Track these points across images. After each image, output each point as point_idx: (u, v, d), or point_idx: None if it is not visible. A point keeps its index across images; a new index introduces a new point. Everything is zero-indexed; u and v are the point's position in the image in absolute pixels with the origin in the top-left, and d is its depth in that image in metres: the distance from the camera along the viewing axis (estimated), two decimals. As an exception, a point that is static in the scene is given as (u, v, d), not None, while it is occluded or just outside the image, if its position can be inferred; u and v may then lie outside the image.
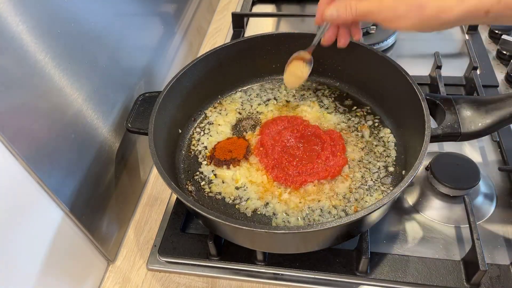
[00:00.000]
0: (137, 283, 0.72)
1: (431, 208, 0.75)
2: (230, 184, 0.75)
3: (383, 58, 0.77)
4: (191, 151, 0.81)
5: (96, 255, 0.71)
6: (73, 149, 0.63)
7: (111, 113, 0.74)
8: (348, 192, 0.71)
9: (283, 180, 0.73)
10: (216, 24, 1.30)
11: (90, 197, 0.67)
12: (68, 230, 0.64)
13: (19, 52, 0.52)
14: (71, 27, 0.61)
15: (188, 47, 1.13)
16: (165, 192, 0.86)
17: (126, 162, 0.80)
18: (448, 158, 0.75)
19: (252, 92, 0.91)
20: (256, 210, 0.71)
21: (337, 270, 0.67)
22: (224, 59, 0.85)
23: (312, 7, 1.28)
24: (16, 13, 0.51)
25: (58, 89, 0.59)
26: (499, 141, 0.83)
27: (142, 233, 0.79)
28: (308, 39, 0.79)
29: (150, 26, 0.91)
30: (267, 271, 0.69)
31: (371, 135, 0.80)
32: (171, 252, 0.72)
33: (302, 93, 0.90)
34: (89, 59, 0.66)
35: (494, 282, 0.64)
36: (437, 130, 0.66)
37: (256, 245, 0.66)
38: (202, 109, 0.88)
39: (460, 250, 0.69)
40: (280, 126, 0.81)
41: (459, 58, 1.05)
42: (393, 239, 0.72)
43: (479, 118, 0.65)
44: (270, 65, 0.91)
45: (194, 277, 0.72)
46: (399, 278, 0.65)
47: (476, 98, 0.69)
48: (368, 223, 0.64)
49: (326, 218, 0.68)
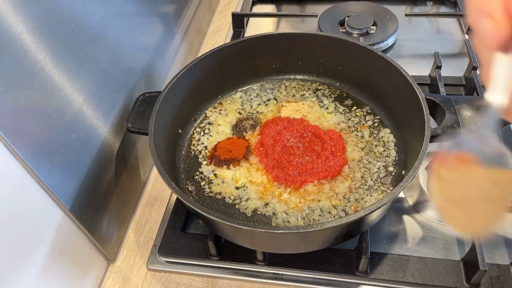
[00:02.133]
0: (137, 283, 0.72)
1: (431, 208, 0.75)
2: (230, 184, 0.75)
3: (383, 58, 0.77)
4: (191, 151, 0.81)
5: (96, 255, 0.71)
6: (73, 149, 0.63)
7: (111, 113, 0.74)
8: (348, 192, 0.71)
9: (283, 180, 0.73)
10: (216, 24, 1.30)
11: (90, 197, 0.67)
12: (68, 230, 0.64)
13: (19, 52, 0.52)
14: (71, 27, 0.61)
15: (188, 47, 1.13)
16: (165, 192, 0.86)
17: (126, 162, 0.80)
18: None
19: (252, 92, 0.91)
20: (256, 210, 0.71)
21: (337, 270, 0.67)
22: (224, 59, 0.85)
23: (312, 7, 1.28)
24: (16, 13, 0.51)
25: (58, 89, 0.59)
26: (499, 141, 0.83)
27: (142, 233, 0.79)
28: (308, 39, 0.78)
29: (150, 26, 0.91)
30: (267, 271, 0.69)
31: (371, 135, 0.80)
32: (171, 252, 0.72)
33: (302, 93, 0.90)
34: (89, 59, 0.66)
35: (494, 282, 0.64)
36: (437, 130, 0.66)
37: (256, 245, 0.66)
38: (202, 109, 0.88)
39: (460, 250, 0.69)
40: (280, 126, 0.81)
41: (459, 58, 1.05)
42: (393, 239, 0.72)
43: (479, 118, 0.65)
44: (270, 65, 0.91)
45: (194, 277, 0.72)
46: (399, 278, 0.65)
47: (476, 98, 0.69)
48: (368, 223, 0.64)
49: (326, 218, 0.68)
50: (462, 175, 0.30)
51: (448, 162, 0.31)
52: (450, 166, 0.31)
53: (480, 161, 0.30)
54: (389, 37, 1.07)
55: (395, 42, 1.10)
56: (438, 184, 0.31)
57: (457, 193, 0.30)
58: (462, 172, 0.30)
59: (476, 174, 0.30)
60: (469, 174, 0.30)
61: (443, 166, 0.31)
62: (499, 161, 0.30)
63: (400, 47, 1.10)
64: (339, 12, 1.15)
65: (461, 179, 0.30)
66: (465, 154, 0.31)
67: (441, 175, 0.31)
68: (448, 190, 0.31)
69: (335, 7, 1.17)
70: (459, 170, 0.30)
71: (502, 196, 0.29)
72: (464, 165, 0.30)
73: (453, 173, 0.30)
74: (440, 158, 0.32)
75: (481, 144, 0.31)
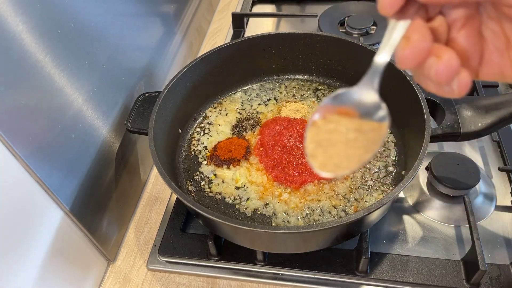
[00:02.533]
0: (137, 283, 0.72)
1: (431, 208, 0.75)
2: (230, 184, 0.75)
3: (383, 58, 0.77)
4: (191, 151, 0.81)
5: (96, 255, 0.71)
6: (73, 149, 0.63)
7: (111, 113, 0.74)
8: (348, 192, 0.71)
9: (283, 180, 0.73)
10: (216, 24, 1.30)
11: (90, 197, 0.67)
12: (68, 230, 0.64)
13: (19, 52, 0.52)
14: (71, 27, 0.61)
15: (188, 47, 1.13)
16: (165, 192, 0.86)
17: (126, 162, 0.80)
18: (448, 158, 0.75)
19: (252, 92, 0.91)
20: (256, 210, 0.71)
21: (337, 270, 0.67)
22: (224, 59, 0.85)
23: (312, 7, 1.28)
24: (16, 13, 0.51)
25: (58, 89, 0.59)
26: (499, 141, 0.83)
27: (142, 233, 0.79)
28: (308, 39, 0.78)
29: (150, 26, 0.91)
30: (267, 271, 0.69)
31: (371, 135, 0.80)
32: (171, 252, 0.72)
33: (302, 93, 0.90)
34: (89, 59, 0.66)
35: (494, 282, 0.64)
36: (437, 130, 0.66)
37: (256, 245, 0.66)
38: (202, 109, 0.88)
39: (460, 250, 0.69)
40: (280, 126, 0.81)
41: (459, 58, 1.05)
42: (393, 239, 0.72)
43: (479, 118, 0.65)
44: (270, 65, 0.91)
45: (194, 277, 0.72)
46: (399, 278, 0.65)
47: (476, 98, 0.69)
48: (368, 223, 0.64)
49: (326, 218, 0.68)
50: (334, 124, 0.35)
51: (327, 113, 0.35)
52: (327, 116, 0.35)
53: (357, 113, 0.34)
54: (389, 37, 1.07)
55: (395, 42, 1.10)
56: (311, 130, 0.36)
57: (324, 137, 0.35)
58: (334, 121, 0.35)
59: (346, 123, 0.35)
60: (340, 123, 0.35)
61: (321, 116, 0.35)
62: (374, 114, 0.34)
63: (400, 47, 1.10)
64: (339, 12, 1.15)
65: (332, 126, 0.35)
66: (344, 106, 0.35)
67: (316, 123, 0.35)
68: (318, 135, 0.35)
69: (335, 7, 1.17)
70: (333, 120, 0.35)
71: (365, 145, 0.34)
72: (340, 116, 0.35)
73: (327, 122, 0.35)
74: (321, 110, 0.35)
75: (360, 98, 0.34)
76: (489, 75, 0.33)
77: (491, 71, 0.33)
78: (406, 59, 0.31)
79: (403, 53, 0.31)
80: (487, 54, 0.33)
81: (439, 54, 0.30)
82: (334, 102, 0.35)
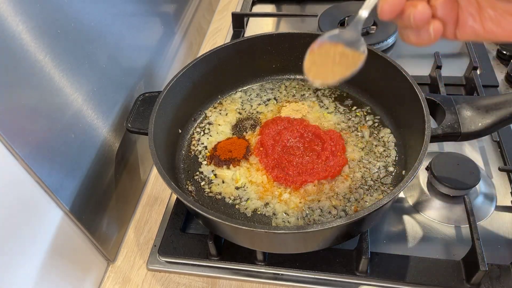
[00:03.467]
0: (137, 283, 0.72)
1: (431, 208, 0.75)
2: (230, 184, 0.75)
3: (383, 58, 0.77)
4: (191, 151, 0.81)
5: (96, 255, 0.71)
6: (73, 149, 0.63)
7: (111, 113, 0.74)
8: (348, 192, 0.71)
9: (283, 180, 0.73)
10: (216, 24, 1.30)
11: (90, 197, 0.67)
12: (68, 230, 0.64)
13: (19, 52, 0.52)
14: (71, 27, 0.61)
15: (188, 47, 1.13)
16: (165, 192, 0.86)
17: (126, 162, 0.80)
18: (448, 158, 0.75)
19: (252, 92, 0.91)
20: (256, 210, 0.71)
21: (337, 270, 0.67)
22: (224, 59, 0.85)
23: (312, 7, 1.28)
24: (16, 13, 0.51)
25: (58, 89, 0.59)
26: (499, 141, 0.83)
27: (142, 233, 0.79)
28: (308, 39, 0.78)
29: (150, 26, 0.91)
30: (267, 271, 0.69)
31: (371, 135, 0.80)
32: (171, 252, 0.72)
33: (302, 93, 0.90)
34: (89, 59, 0.66)
35: (494, 282, 0.64)
36: (437, 130, 0.66)
37: (256, 245, 0.66)
38: (202, 109, 0.88)
39: (460, 250, 0.69)
40: (280, 126, 0.81)
41: (459, 58, 1.05)
42: (393, 239, 0.72)
43: (479, 118, 0.65)
44: (270, 65, 0.91)
45: (194, 277, 0.72)
46: (399, 278, 0.65)
47: (476, 98, 0.69)
48: (368, 223, 0.64)
49: (326, 218, 0.68)
50: (326, 50, 0.49)
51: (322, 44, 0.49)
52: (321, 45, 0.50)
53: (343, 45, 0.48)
54: (389, 37, 1.07)
55: (395, 42, 1.10)
56: (310, 53, 0.50)
57: (318, 58, 0.50)
58: (326, 48, 0.49)
59: (335, 50, 0.49)
60: (330, 49, 0.49)
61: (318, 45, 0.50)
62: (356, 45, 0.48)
63: (400, 47, 1.10)
64: (339, 12, 1.15)
65: (324, 51, 0.49)
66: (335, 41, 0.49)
67: (313, 49, 0.50)
68: (313, 57, 0.50)
69: (335, 7, 1.17)
70: (325, 47, 0.49)
71: (346, 65, 0.48)
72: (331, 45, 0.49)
73: (321, 48, 0.50)
74: (318, 42, 0.49)
75: (347, 37, 0.48)
76: (465, 36, 0.41)
77: (467, 32, 0.41)
78: (385, 11, 0.40)
79: (383, 5, 0.39)
80: (462, 18, 0.40)
81: (415, 5, 0.39)
82: (329, 39, 0.49)
